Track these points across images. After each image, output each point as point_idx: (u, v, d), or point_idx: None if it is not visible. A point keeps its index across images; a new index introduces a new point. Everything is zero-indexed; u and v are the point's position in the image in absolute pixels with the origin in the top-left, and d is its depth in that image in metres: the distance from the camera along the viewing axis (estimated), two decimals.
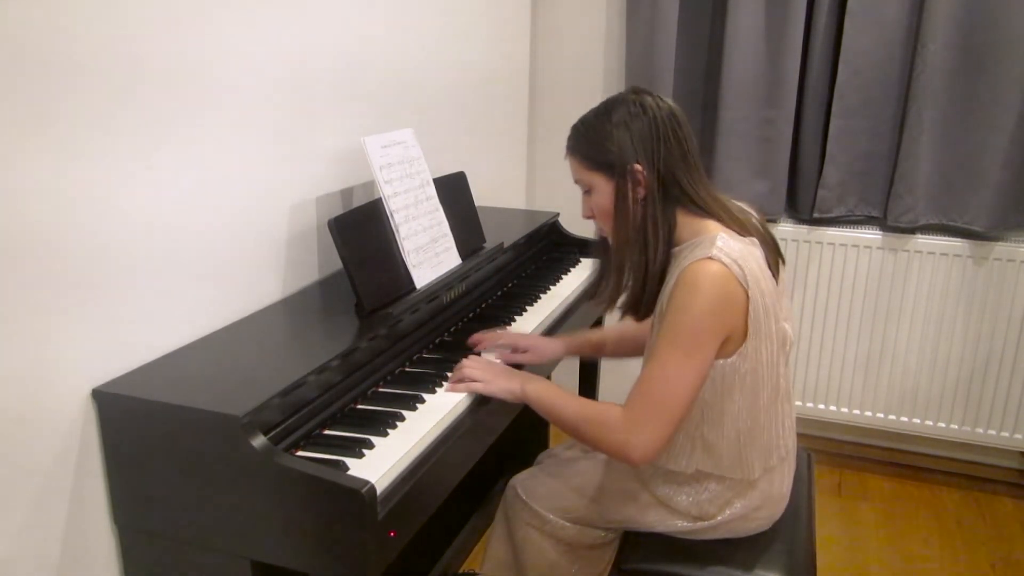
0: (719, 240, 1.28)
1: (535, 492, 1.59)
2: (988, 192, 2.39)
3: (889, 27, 2.37)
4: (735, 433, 1.37)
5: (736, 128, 2.54)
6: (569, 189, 2.86)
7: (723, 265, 1.25)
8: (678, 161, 1.33)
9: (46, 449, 1.15)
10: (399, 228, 1.60)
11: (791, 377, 1.46)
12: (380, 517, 1.11)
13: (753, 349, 1.31)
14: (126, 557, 1.29)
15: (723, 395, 1.34)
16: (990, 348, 2.52)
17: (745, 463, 1.41)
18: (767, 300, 1.30)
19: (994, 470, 2.70)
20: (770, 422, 1.40)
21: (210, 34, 1.36)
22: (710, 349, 1.28)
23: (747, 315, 1.28)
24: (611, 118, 1.34)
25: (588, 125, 1.39)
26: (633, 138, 1.32)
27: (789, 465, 1.50)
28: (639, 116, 1.32)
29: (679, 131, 1.33)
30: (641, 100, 1.34)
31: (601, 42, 2.76)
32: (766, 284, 1.30)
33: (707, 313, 1.25)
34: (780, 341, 1.35)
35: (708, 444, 1.39)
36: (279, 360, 1.35)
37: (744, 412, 1.36)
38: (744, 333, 1.29)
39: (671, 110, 1.34)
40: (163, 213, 1.31)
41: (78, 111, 1.13)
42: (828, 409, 2.73)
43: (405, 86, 1.98)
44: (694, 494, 1.44)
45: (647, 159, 1.32)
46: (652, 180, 1.33)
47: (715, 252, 1.26)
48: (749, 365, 1.32)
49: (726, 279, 1.25)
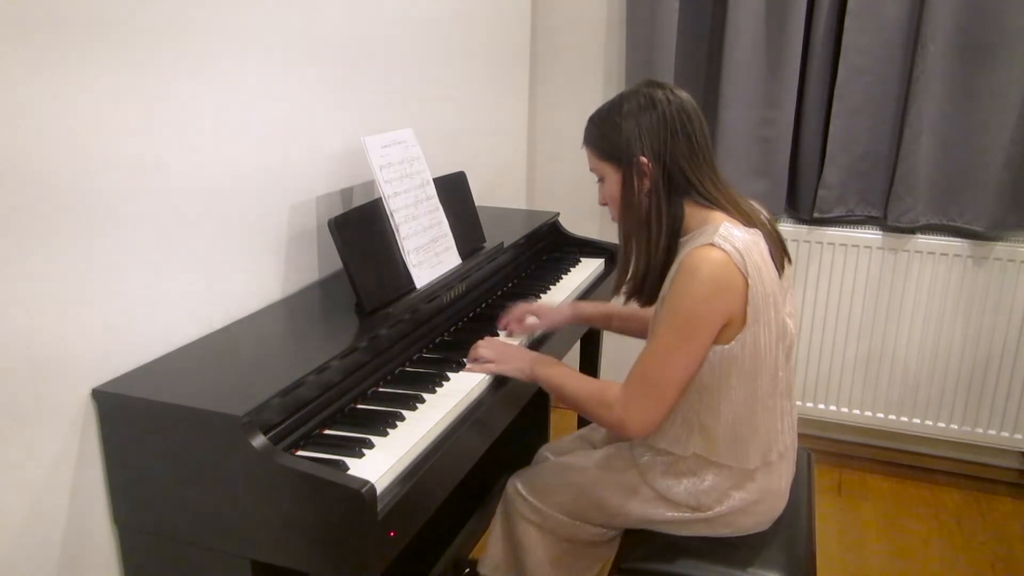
0: (722, 228, 1.31)
1: (534, 487, 1.60)
2: (988, 192, 2.39)
3: (889, 27, 2.37)
4: (732, 419, 1.39)
5: (736, 128, 2.54)
6: (569, 189, 2.88)
7: (724, 252, 1.28)
8: (685, 154, 1.36)
9: (46, 449, 1.15)
10: (399, 228, 1.60)
11: (792, 375, 1.47)
12: (380, 517, 1.10)
13: (752, 336, 1.33)
14: (126, 557, 1.29)
15: (721, 380, 1.36)
16: (990, 348, 2.52)
17: (741, 451, 1.42)
18: (767, 289, 1.32)
19: (994, 470, 2.70)
20: (768, 414, 1.41)
21: (209, 28, 1.36)
22: (706, 334, 1.31)
23: (746, 302, 1.30)
24: (621, 110, 1.38)
25: (601, 117, 1.43)
26: (641, 131, 1.36)
27: (788, 463, 1.51)
28: (647, 109, 1.36)
29: (687, 125, 1.36)
30: (651, 93, 1.37)
31: (601, 42, 2.76)
32: (767, 274, 1.32)
33: (705, 298, 1.29)
34: (780, 333, 1.37)
35: (705, 428, 1.41)
36: (279, 360, 1.35)
37: (741, 399, 1.38)
38: (743, 320, 1.31)
39: (681, 104, 1.37)
40: (163, 213, 1.31)
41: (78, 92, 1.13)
42: (828, 409, 2.73)
43: (405, 85, 1.98)
44: (692, 486, 1.45)
45: (653, 151, 1.36)
46: (657, 172, 1.36)
47: (717, 239, 1.29)
48: (748, 352, 1.34)
49: (726, 266, 1.28)
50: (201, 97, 1.35)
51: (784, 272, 1.41)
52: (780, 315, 1.36)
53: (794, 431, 1.52)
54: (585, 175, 2.83)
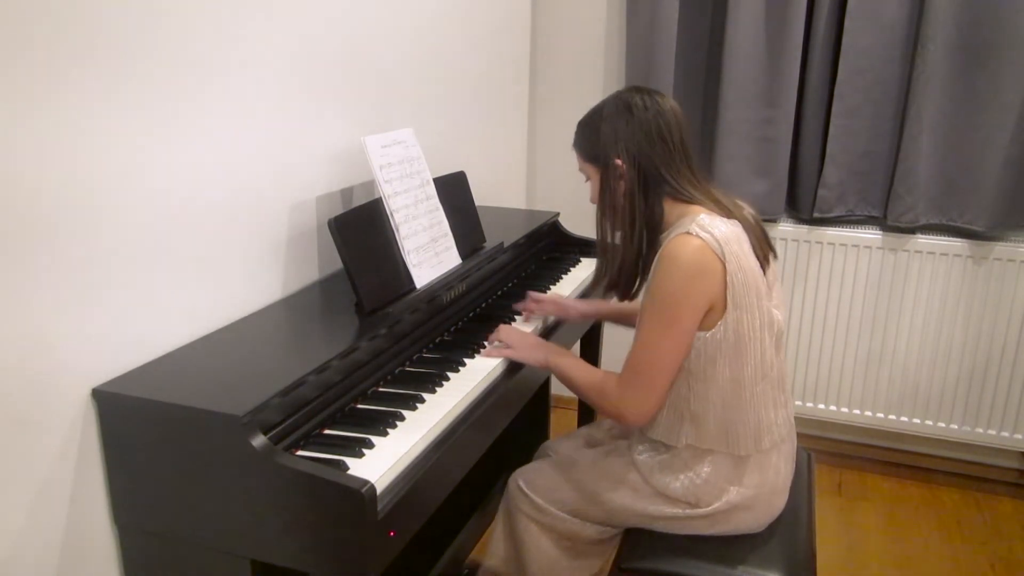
0: (699, 218, 1.37)
1: (536, 483, 1.61)
2: (988, 192, 2.39)
3: (889, 27, 2.37)
4: (720, 404, 1.42)
5: (736, 128, 2.54)
6: (569, 189, 2.88)
7: (700, 239, 1.33)
8: (661, 155, 1.42)
9: (46, 449, 1.15)
10: (399, 228, 1.60)
11: (785, 367, 1.50)
12: (380, 517, 1.11)
13: (734, 321, 1.36)
14: (126, 557, 1.29)
15: (706, 367, 1.40)
16: (990, 348, 2.52)
17: (732, 437, 1.44)
18: (747, 275, 1.36)
19: (994, 470, 2.70)
20: (757, 400, 1.44)
21: (209, 28, 1.36)
22: (688, 319, 1.36)
23: (725, 286, 1.34)
24: (601, 115, 1.46)
25: (585, 121, 1.51)
26: (617, 134, 1.43)
27: (786, 459, 1.51)
28: (623, 114, 1.43)
29: (663, 129, 1.42)
30: (629, 99, 1.44)
31: (601, 42, 2.76)
32: (746, 261, 1.37)
33: (683, 285, 1.34)
34: (766, 321, 1.40)
35: (695, 416, 1.44)
36: (279, 360, 1.35)
37: (728, 386, 1.41)
38: (724, 305, 1.36)
39: (659, 109, 1.43)
40: (163, 212, 1.31)
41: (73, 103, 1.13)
42: (828, 409, 2.73)
43: (405, 85, 1.98)
44: (689, 481, 1.46)
45: (628, 154, 1.43)
46: (632, 173, 1.43)
47: (693, 228, 1.35)
48: (731, 338, 1.38)
49: (702, 251, 1.33)
50: (202, 98, 1.35)
51: (769, 266, 1.45)
52: (763, 303, 1.40)
53: (791, 426, 1.53)
54: None
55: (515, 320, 1.77)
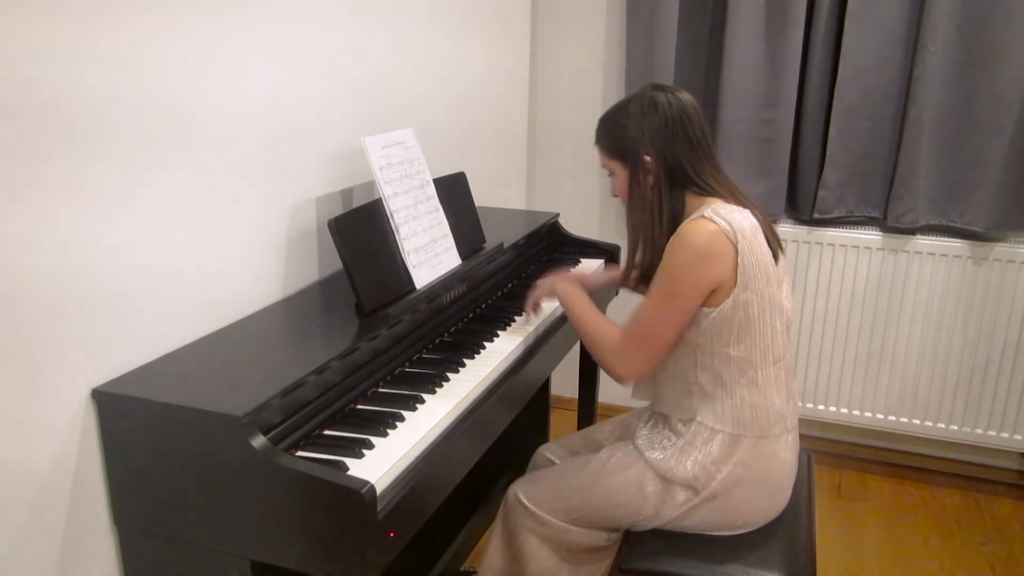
0: (715, 206, 1.42)
1: (537, 496, 1.59)
2: (988, 192, 2.39)
3: (889, 28, 2.37)
4: (730, 381, 1.45)
5: (736, 129, 2.54)
6: (569, 190, 2.88)
7: (713, 223, 1.39)
8: (686, 152, 1.47)
9: (46, 449, 1.15)
10: (399, 228, 1.60)
11: (793, 355, 1.53)
12: (380, 517, 1.11)
13: (743, 301, 1.39)
14: (126, 557, 1.29)
15: (713, 341, 1.43)
16: (990, 348, 2.52)
17: (742, 418, 1.46)
18: (759, 260, 1.40)
19: (994, 470, 2.70)
20: (768, 384, 1.46)
21: (211, 30, 1.36)
22: (690, 295, 1.40)
23: (735, 268, 1.38)
24: (627, 112, 1.50)
25: (609, 118, 1.55)
26: (644, 132, 1.47)
27: (791, 449, 1.52)
28: (651, 111, 1.47)
29: (687, 125, 1.46)
30: (654, 97, 1.48)
31: (601, 43, 2.76)
32: (758, 247, 1.40)
33: (690, 262, 1.38)
34: (775, 307, 1.44)
35: (704, 391, 1.47)
36: (279, 360, 1.35)
37: (737, 364, 1.44)
38: (733, 285, 1.39)
39: (682, 106, 1.47)
40: (163, 212, 1.31)
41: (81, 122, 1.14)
42: (828, 409, 2.73)
43: (406, 90, 1.98)
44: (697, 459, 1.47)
45: (656, 150, 1.47)
46: (660, 168, 1.47)
47: (707, 213, 1.40)
48: (739, 316, 1.41)
49: (714, 234, 1.38)
50: (201, 99, 1.36)
51: (778, 261, 1.48)
52: (773, 289, 1.43)
53: (796, 416, 1.55)
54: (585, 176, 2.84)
55: (515, 321, 1.77)
